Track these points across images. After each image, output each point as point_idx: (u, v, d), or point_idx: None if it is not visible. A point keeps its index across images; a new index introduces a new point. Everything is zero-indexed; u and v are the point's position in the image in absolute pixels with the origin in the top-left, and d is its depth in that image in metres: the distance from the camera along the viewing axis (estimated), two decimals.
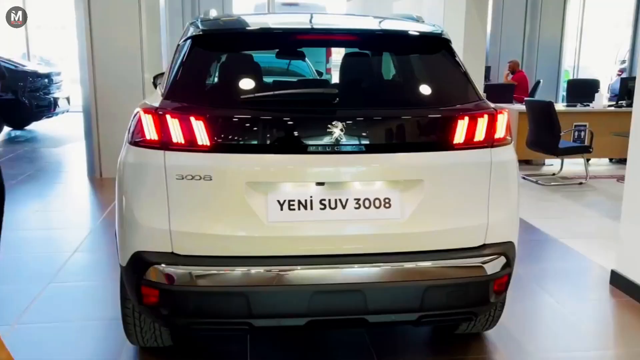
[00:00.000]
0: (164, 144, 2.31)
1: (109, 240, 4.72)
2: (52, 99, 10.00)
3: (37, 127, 10.75)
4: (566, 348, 3.17)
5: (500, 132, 2.52)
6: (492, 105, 2.58)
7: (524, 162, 7.99)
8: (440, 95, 2.66)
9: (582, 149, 7.04)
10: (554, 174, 7.46)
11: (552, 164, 7.95)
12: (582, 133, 7.78)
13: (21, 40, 13.75)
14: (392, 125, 2.47)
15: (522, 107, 7.60)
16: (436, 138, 2.47)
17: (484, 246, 2.49)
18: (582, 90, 8.76)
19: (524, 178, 7.21)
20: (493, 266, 2.47)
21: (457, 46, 6.92)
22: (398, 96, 2.79)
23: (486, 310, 2.70)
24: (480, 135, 2.47)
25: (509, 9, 13.82)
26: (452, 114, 2.47)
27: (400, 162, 2.41)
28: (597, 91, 8.41)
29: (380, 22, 3.00)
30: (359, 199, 2.37)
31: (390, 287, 2.39)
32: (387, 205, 2.38)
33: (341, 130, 2.32)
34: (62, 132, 10.42)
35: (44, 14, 15.19)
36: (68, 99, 10.59)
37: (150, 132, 2.33)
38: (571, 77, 14.99)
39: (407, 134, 2.49)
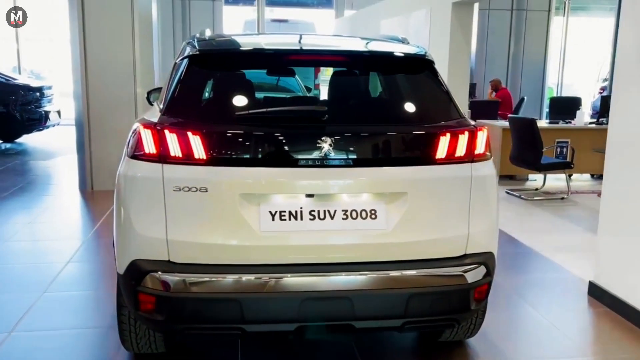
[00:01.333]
0: (162, 157, 2.42)
1: (101, 251, 4.83)
2: (43, 112, 10.07)
3: (28, 139, 10.80)
4: (545, 355, 3.31)
5: (480, 148, 2.67)
6: (472, 122, 2.74)
7: (507, 178, 8.19)
8: (424, 113, 2.81)
9: (563, 165, 7.24)
10: (537, 189, 7.65)
11: (536, 179, 8.14)
12: (564, 149, 7.99)
13: (12, 54, 13.81)
14: (377, 140, 2.61)
15: (506, 123, 7.80)
16: (419, 153, 2.61)
17: (464, 256, 2.63)
18: (565, 107, 9.00)
19: (507, 193, 7.39)
20: (473, 275, 2.60)
21: (442, 64, 7.14)
22: (383, 113, 2.94)
23: (467, 317, 2.82)
24: (461, 151, 2.62)
25: (494, 28, 14.15)
26: (435, 130, 2.62)
27: (385, 176, 2.55)
28: (578, 108, 8.64)
29: (367, 43, 3.16)
30: (346, 210, 2.50)
31: (376, 295, 2.51)
32: (373, 216, 2.51)
33: (330, 145, 2.46)
34: (53, 145, 10.47)
35: (32, 26, 15.27)
36: (59, 113, 10.66)
37: (149, 146, 2.45)
38: (555, 95, 15.32)
39: (392, 149, 2.63)
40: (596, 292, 4.00)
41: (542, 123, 8.44)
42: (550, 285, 4.37)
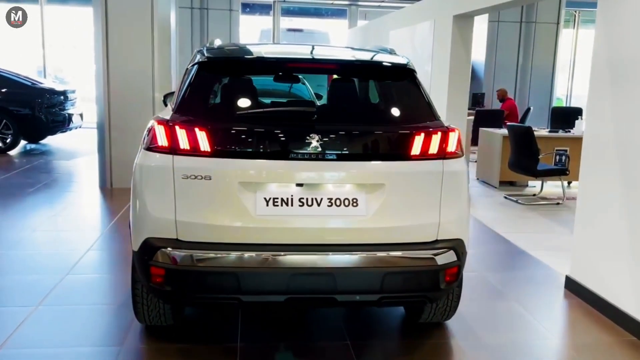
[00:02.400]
0: (173, 149, 2.82)
1: (118, 241, 5.26)
2: (66, 114, 10.58)
3: (51, 141, 11.35)
4: (515, 337, 3.63)
5: (451, 147, 3.03)
6: (445, 124, 3.10)
7: (507, 184, 8.50)
8: (403, 115, 3.18)
9: (559, 172, 7.54)
10: (534, 195, 7.94)
11: (535, 186, 8.42)
12: (563, 157, 8.27)
13: (38, 58, 14.43)
14: (360, 138, 2.98)
15: (506, 131, 8.12)
16: (397, 150, 2.97)
17: (436, 241, 2.98)
18: (565, 117, 9.30)
19: (505, 198, 7.70)
20: (443, 258, 2.95)
21: (444, 73, 7.49)
22: (367, 114, 3.31)
23: (438, 295, 3.16)
24: (434, 148, 2.98)
25: (503, 39, 14.48)
26: (411, 130, 2.99)
27: (366, 169, 2.92)
28: (577, 118, 8.93)
29: (357, 53, 3.54)
30: (331, 198, 2.87)
31: (356, 272, 2.88)
32: (354, 204, 2.89)
33: (317, 141, 2.84)
34: (74, 146, 11.00)
35: (57, 33, 15.89)
36: (81, 115, 11.18)
37: (162, 140, 2.85)
38: (564, 105, 15.56)
39: (372, 146, 2.99)
40: (571, 285, 4.32)
41: (543, 132, 8.74)
42: (531, 280, 4.69)
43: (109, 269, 4.70)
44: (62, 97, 10.55)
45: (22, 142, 10.65)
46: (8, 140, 10.03)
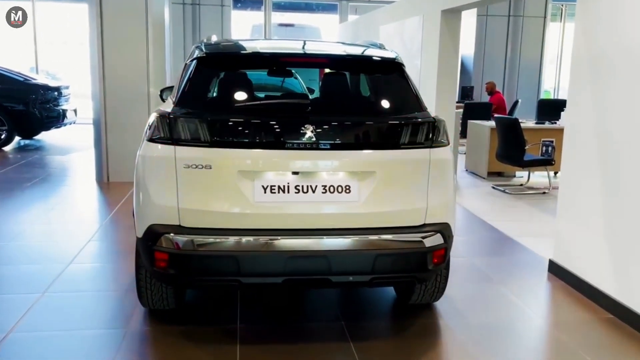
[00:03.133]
0: (175, 140, 2.98)
1: (117, 232, 5.41)
2: (60, 110, 10.68)
3: (45, 136, 11.44)
4: (500, 316, 3.83)
5: (437, 136, 3.20)
6: (432, 115, 3.28)
7: (496, 174, 8.71)
8: (392, 106, 3.36)
9: (545, 162, 7.75)
10: (521, 185, 8.16)
11: (522, 176, 8.64)
12: (549, 148, 8.47)
13: (30, 55, 14.47)
14: (352, 128, 3.15)
15: (493, 123, 8.32)
16: (387, 139, 3.15)
17: (424, 225, 3.17)
18: (551, 109, 9.51)
19: (493, 188, 7.91)
20: (431, 241, 3.13)
21: (433, 67, 7.67)
22: (358, 106, 3.49)
23: (427, 276, 3.34)
24: (421, 138, 3.15)
25: (491, 33, 14.69)
26: (400, 121, 3.16)
27: (358, 158, 3.09)
28: (563, 110, 9.13)
29: (348, 48, 3.71)
30: (325, 186, 3.05)
31: (349, 254, 3.06)
32: (347, 191, 3.06)
33: (312, 132, 3.01)
34: (68, 142, 11.10)
35: (47, 30, 15.91)
36: (75, 111, 11.27)
37: (164, 132, 3.00)
38: (552, 97, 15.80)
39: (363, 136, 3.16)
40: (554, 269, 4.53)
41: (530, 123, 8.95)
42: (517, 264, 4.90)
43: (110, 259, 4.85)
44: (55, 93, 10.64)
45: (17, 138, 10.74)
46: (2, 136, 10.13)
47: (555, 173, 8.60)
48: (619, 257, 3.82)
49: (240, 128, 3.06)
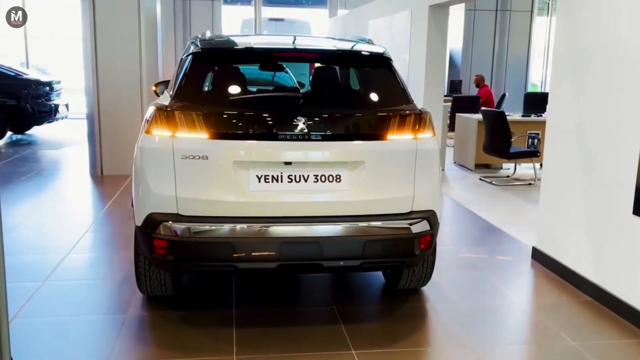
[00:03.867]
0: (173, 132, 3.11)
1: (113, 224, 5.53)
2: (52, 105, 10.74)
3: (37, 131, 11.50)
4: (485, 300, 4.00)
5: (423, 128, 3.35)
6: (418, 108, 3.43)
7: (483, 166, 8.89)
8: (380, 99, 3.51)
9: (530, 154, 7.94)
10: (508, 176, 8.35)
11: (509, 168, 8.83)
12: (535, 140, 8.66)
13: (20, 50, 14.47)
14: (342, 120, 3.29)
15: (480, 116, 8.49)
16: (375, 131, 3.29)
17: (411, 212, 3.32)
18: (538, 102, 9.69)
19: (480, 179, 8.10)
20: (418, 227, 3.28)
21: (420, 61, 7.81)
22: (347, 99, 3.64)
23: (414, 261, 3.49)
24: (408, 129, 3.30)
25: (479, 27, 14.87)
26: (388, 113, 3.31)
27: (348, 148, 3.23)
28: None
29: (338, 43, 3.85)
30: (317, 175, 3.19)
31: (340, 240, 3.21)
32: (338, 180, 3.21)
33: (304, 124, 3.15)
34: (60, 136, 11.17)
35: (34, 24, 15.88)
36: (67, 106, 11.33)
37: (162, 124, 3.13)
38: (539, 91, 16.02)
39: (353, 127, 3.31)
40: (537, 255, 4.71)
41: (516, 116, 9.14)
42: (502, 252, 5.08)
43: (108, 249, 4.98)
44: (47, 88, 10.70)
45: (8, 133, 10.78)
46: None
47: (541, 165, 8.76)
48: (596, 243, 4.01)
49: (235, 120, 3.19)
